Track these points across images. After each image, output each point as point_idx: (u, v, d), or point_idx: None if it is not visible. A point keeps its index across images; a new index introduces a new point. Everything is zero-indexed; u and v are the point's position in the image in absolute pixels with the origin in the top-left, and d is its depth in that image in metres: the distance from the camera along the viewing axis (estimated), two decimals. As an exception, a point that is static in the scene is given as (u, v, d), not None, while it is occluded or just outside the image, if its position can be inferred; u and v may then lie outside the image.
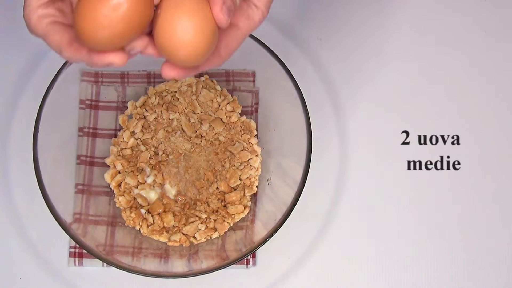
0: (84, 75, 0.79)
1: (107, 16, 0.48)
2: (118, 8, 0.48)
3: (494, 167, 0.82)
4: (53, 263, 0.77)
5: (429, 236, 0.80)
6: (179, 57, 0.51)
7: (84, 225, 0.74)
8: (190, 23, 0.50)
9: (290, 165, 0.74)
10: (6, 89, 0.82)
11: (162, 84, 0.81)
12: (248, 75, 0.81)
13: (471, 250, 0.79)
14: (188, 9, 0.51)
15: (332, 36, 0.85)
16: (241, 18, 0.55)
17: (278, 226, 0.70)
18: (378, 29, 0.85)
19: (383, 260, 0.79)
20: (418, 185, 0.81)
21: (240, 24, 0.55)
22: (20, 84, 0.81)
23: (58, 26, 0.52)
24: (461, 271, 0.79)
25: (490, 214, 0.80)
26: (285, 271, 0.78)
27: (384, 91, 0.83)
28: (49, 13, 0.52)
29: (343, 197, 0.80)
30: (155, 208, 0.77)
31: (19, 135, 0.79)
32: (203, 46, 0.51)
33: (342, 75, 0.84)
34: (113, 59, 0.51)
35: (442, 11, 0.86)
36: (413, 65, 0.84)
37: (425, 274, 0.79)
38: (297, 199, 0.70)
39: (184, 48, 0.51)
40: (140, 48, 0.52)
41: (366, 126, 0.82)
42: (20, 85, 0.81)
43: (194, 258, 0.75)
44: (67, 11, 0.54)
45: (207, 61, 0.54)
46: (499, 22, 0.86)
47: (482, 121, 0.83)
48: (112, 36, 0.49)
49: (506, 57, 0.85)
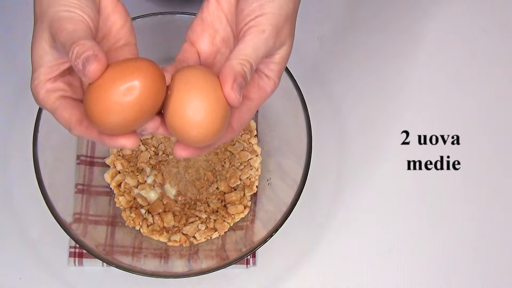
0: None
1: (118, 103, 0.47)
2: (130, 94, 0.48)
3: (494, 167, 0.82)
4: (53, 263, 0.77)
5: (429, 236, 0.80)
6: (191, 138, 0.51)
7: (84, 225, 0.74)
8: (201, 103, 0.50)
9: (290, 165, 0.74)
10: (6, 89, 0.82)
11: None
12: (248, 75, 0.81)
13: (471, 250, 0.79)
14: (198, 89, 0.50)
15: (332, 36, 0.85)
16: (253, 90, 0.55)
17: (278, 226, 0.70)
18: (378, 29, 0.85)
19: (383, 260, 0.79)
20: (418, 185, 0.81)
21: (252, 96, 0.54)
22: (21, 83, 0.81)
23: (66, 102, 0.51)
24: (461, 271, 0.79)
25: (490, 214, 0.80)
26: (285, 271, 0.78)
27: (384, 91, 0.83)
28: (58, 87, 0.52)
29: (343, 197, 0.80)
30: (155, 208, 0.77)
31: (19, 135, 0.79)
32: (216, 126, 0.50)
33: (342, 75, 0.84)
34: (125, 143, 0.50)
35: (442, 11, 0.86)
36: (413, 65, 0.84)
37: (425, 274, 0.79)
38: (297, 199, 0.70)
39: (195, 129, 0.50)
40: (151, 130, 0.52)
41: (366, 126, 0.82)
42: (20, 84, 0.81)
43: (194, 258, 0.75)
44: (76, 84, 0.53)
45: (221, 137, 0.53)
46: (499, 22, 0.86)
47: (482, 121, 0.83)
48: (123, 122, 0.48)
49: (506, 57, 0.85)
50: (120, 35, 0.55)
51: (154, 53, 0.80)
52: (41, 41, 0.51)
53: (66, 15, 0.51)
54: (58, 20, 0.50)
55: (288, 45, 0.55)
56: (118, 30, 0.55)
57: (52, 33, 0.50)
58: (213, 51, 0.56)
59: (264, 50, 0.52)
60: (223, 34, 0.56)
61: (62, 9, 0.51)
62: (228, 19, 0.56)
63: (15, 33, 0.83)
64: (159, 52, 0.80)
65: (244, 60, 0.51)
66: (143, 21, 0.74)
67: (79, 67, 0.48)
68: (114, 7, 0.55)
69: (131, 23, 0.57)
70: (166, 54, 0.81)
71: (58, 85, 0.52)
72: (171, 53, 0.80)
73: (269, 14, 0.52)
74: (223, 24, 0.56)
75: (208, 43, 0.57)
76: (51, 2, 0.51)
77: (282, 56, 0.55)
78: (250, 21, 0.52)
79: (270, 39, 0.52)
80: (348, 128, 0.82)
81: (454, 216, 0.80)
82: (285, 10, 0.53)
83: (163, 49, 0.80)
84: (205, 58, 0.57)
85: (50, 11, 0.51)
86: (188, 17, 0.75)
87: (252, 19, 0.52)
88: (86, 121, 0.51)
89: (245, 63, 0.51)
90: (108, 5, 0.55)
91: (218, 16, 0.56)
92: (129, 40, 0.56)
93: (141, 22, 0.74)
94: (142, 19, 0.74)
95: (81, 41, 0.48)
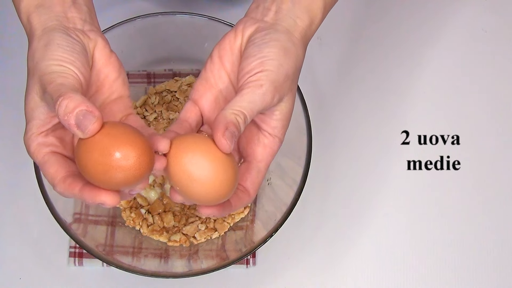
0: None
1: (105, 166, 0.48)
2: (126, 159, 0.48)
3: (494, 167, 0.82)
4: (53, 263, 0.77)
5: (429, 236, 0.80)
6: (203, 200, 0.53)
7: (84, 225, 0.74)
8: (205, 171, 0.51)
9: (290, 165, 0.74)
10: (7, 88, 0.82)
11: (162, 84, 0.81)
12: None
13: (471, 250, 0.79)
14: (201, 151, 0.51)
15: (332, 36, 0.85)
16: (259, 149, 0.56)
17: (278, 226, 0.70)
18: (378, 29, 0.85)
19: (383, 260, 0.79)
20: (418, 185, 0.81)
21: (259, 157, 0.56)
22: (20, 84, 0.81)
23: (55, 158, 0.52)
24: (461, 271, 0.79)
25: (490, 214, 0.80)
26: (285, 271, 0.78)
27: (384, 91, 0.84)
28: (49, 142, 0.52)
29: (342, 197, 0.80)
30: (155, 208, 0.77)
31: (19, 135, 0.79)
32: (224, 189, 0.52)
33: (342, 75, 0.84)
34: (104, 200, 0.50)
35: (442, 11, 0.86)
36: (413, 65, 0.84)
37: (425, 274, 0.79)
38: (297, 199, 0.70)
39: (207, 196, 0.52)
40: (139, 190, 0.54)
41: (366, 125, 0.82)
42: (20, 85, 0.81)
43: (194, 258, 0.75)
44: (67, 140, 0.54)
45: (238, 202, 0.55)
46: (499, 22, 0.86)
47: (482, 121, 0.83)
48: (118, 181, 0.49)
49: (506, 57, 0.85)
50: (113, 88, 0.56)
51: (154, 53, 0.81)
52: (32, 93, 0.52)
53: (57, 69, 0.51)
54: (49, 73, 0.51)
55: (288, 101, 0.55)
56: (111, 83, 0.56)
57: (42, 86, 0.51)
58: (216, 109, 0.57)
59: (261, 104, 0.53)
60: (225, 94, 0.57)
61: (53, 63, 0.51)
62: (230, 78, 0.57)
63: (13, 34, 0.83)
64: (158, 52, 0.80)
65: (238, 111, 0.52)
66: (143, 21, 0.74)
67: (70, 122, 0.48)
68: (107, 60, 0.56)
69: (125, 75, 0.57)
70: (166, 54, 0.81)
71: (49, 140, 0.52)
72: (170, 53, 0.81)
73: (268, 71, 0.53)
74: (225, 83, 0.57)
75: (210, 101, 0.58)
76: (43, 56, 0.52)
77: (282, 113, 0.55)
78: (249, 77, 0.53)
79: (268, 93, 0.53)
80: (348, 128, 0.82)
81: (454, 216, 0.80)
82: (285, 68, 0.54)
83: (163, 49, 0.80)
84: (208, 118, 0.58)
85: (42, 65, 0.51)
86: (188, 17, 0.75)
87: (251, 76, 0.53)
88: (70, 179, 0.51)
89: (239, 113, 0.51)
90: (101, 57, 0.55)
91: (220, 76, 0.57)
92: (123, 93, 0.57)
93: (141, 22, 0.74)
94: (142, 19, 0.74)
95: (68, 94, 0.48)
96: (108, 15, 0.82)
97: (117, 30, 0.73)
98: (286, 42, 0.55)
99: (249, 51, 0.54)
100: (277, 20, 0.56)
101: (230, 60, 0.57)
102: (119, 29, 0.73)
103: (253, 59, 0.54)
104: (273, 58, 0.53)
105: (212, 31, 0.74)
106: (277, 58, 0.54)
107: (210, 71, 0.57)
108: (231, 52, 0.56)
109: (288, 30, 0.55)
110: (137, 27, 0.75)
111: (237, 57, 0.56)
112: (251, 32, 0.56)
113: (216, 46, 0.58)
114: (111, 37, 0.72)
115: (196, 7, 0.85)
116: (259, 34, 0.55)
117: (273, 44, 0.54)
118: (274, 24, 0.56)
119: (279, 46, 0.54)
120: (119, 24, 0.74)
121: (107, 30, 0.73)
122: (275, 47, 0.54)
